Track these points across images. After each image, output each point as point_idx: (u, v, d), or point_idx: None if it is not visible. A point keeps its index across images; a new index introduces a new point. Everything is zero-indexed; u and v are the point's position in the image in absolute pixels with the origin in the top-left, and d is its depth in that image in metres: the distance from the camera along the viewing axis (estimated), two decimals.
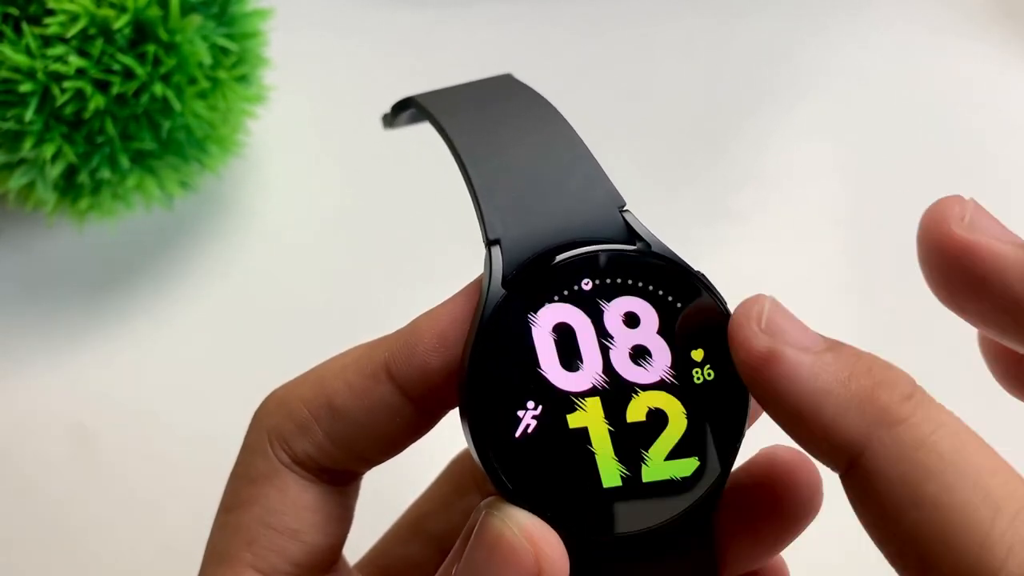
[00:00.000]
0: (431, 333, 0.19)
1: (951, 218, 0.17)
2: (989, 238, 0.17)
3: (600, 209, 0.19)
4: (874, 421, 0.15)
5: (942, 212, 0.17)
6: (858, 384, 0.16)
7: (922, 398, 0.16)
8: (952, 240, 0.17)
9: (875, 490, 0.15)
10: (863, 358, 0.16)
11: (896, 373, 0.16)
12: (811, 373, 0.16)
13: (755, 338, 0.16)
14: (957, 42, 0.46)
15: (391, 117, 0.24)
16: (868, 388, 0.16)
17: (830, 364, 0.16)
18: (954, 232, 0.17)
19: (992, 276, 0.16)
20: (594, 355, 0.18)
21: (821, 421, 0.16)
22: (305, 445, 0.19)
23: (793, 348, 0.16)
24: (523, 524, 0.17)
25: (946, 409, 0.16)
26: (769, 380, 0.16)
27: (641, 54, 0.47)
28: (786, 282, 0.41)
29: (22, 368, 0.38)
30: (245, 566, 0.19)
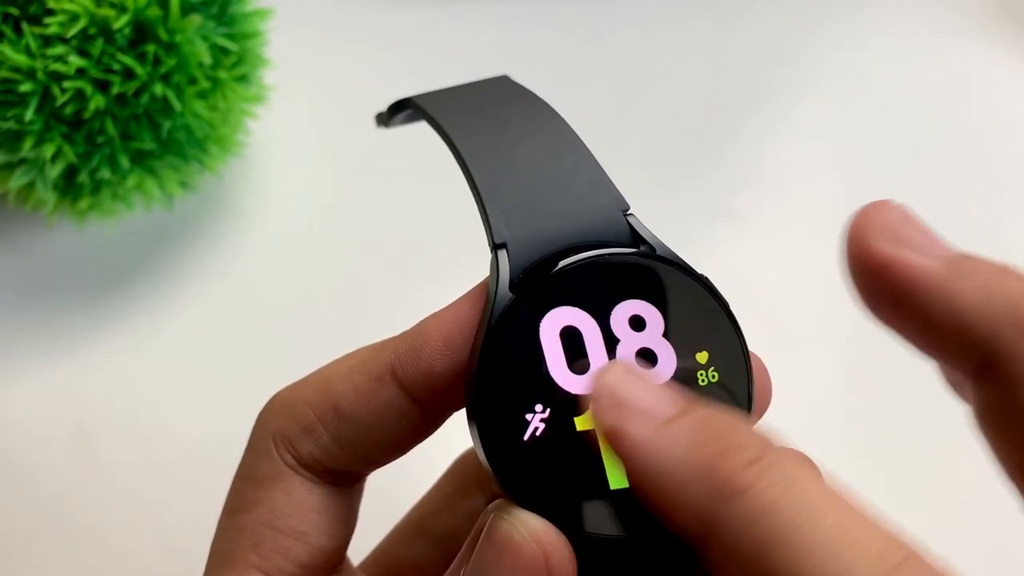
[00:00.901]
0: (437, 336, 0.19)
1: (874, 230, 0.16)
2: (914, 253, 0.16)
3: (605, 213, 0.19)
4: (714, 496, 0.14)
5: (865, 222, 0.16)
6: (698, 455, 0.15)
7: (773, 459, 0.14)
8: (873, 255, 0.16)
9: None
10: (709, 423, 0.15)
11: (745, 435, 0.15)
12: (652, 448, 0.15)
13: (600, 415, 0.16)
14: (957, 42, 0.47)
15: (386, 117, 0.24)
16: (708, 458, 0.14)
17: (674, 435, 0.15)
18: (875, 246, 0.16)
19: (913, 295, 0.15)
20: (601, 358, 0.18)
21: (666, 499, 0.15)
22: (310, 447, 0.20)
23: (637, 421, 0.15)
24: (531, 527, 0.17)
25: (804, 464, 0.15)
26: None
27: (641, 54, 0.47)
28: (785, 282, 0.41)
29: (22, 368, 0.37)
30: (250, 567, 0.20)
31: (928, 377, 0.18)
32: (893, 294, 0.16)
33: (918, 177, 0.43)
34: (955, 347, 0.15)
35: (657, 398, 0.16)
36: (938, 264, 0.15)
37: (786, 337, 0.38)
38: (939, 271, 0.15)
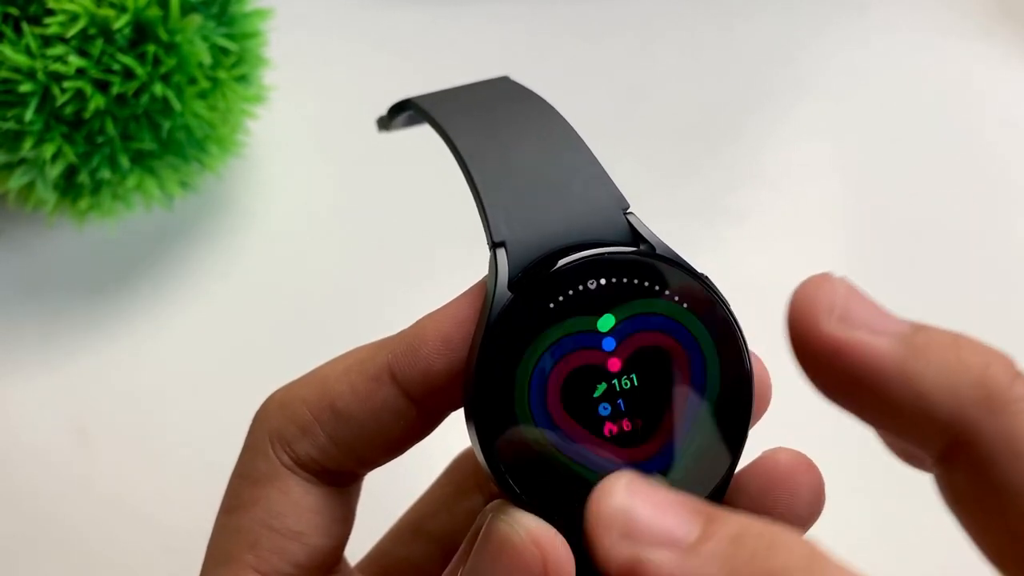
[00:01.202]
0: (435, 335, 0.19)
1: (820, 310, 0.15)
2: (866, 333, 0.15)
3: (604, 211, 0.19)
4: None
5: (809, 303, 0.15)
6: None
7: None
8: (822, 338, 0.15)
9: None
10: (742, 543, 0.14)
11: (786, 555, 0.14)
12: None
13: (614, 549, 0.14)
14: (958, 43, 0.46)
15: (387, 120, 0.24)
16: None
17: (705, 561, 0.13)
18: (823, 329, 0.15)
19: (868, 376, 0.15)
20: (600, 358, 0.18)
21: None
22: (307, 447, 0.19)
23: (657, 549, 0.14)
24: (529, 528, 0.17)
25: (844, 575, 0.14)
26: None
27: (641, 54, 0.47)
28: (785, 282, 0.41)
29: (22, 368, 0.37)
30: (247, 568, 0.19)
31: None
32: (848, 378, 0.15)
33: (918, 177, 0.43)
34: (919, 429, 0.15)
35: (676, 517, 0.14)
36: (893, 343, 0.15)
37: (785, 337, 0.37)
38: (896, 351, 0.15)
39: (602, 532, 0.14)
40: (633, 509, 0.14)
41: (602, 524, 0.14)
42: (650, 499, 0.14)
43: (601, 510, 0.14)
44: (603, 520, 0.14)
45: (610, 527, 0.14)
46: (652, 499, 0.14)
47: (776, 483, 0.19)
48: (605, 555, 0.14)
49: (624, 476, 0.15)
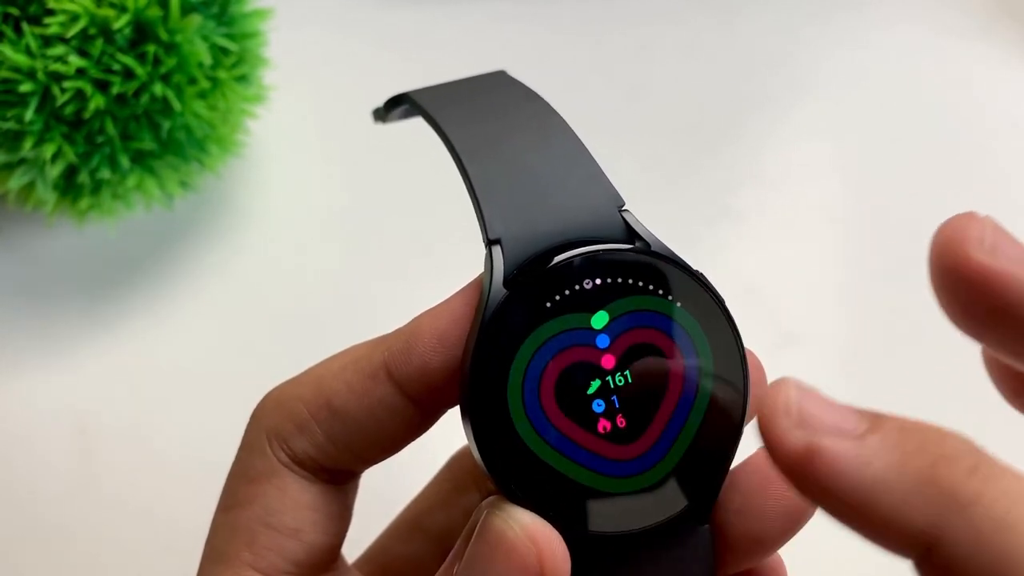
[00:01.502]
0: (431, 333, 0.19)
1: (969, 241, 0.15)
2: (1013, 264, 0.15)
3: (600, 209, 0.19)
4: (942, 507, 0.14)
5: (959, 233, 0.15)
6: (914, 466, 0.14)
7: (988, 468, 0.14)
8: (972, 266, 0.15)
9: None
10: (911, 433, 0.15)
11: (953, 442, 0.14)
12: (859, 464, 0.14)
13: (788, 434, 0.14)
14: (958, 42, 0.46)
15: (383, 112, 0.24)
16: (927, 469, 0.14)
17: (877, 449, 0.14)
18: (974, 257, 0.15)
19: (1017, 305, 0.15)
20: (596, 355, 0.18)
21: (881, 515, 0.14)
22: (304, 445, 0.19)
23: (833, 438, 0.14)
24: (525, 523, 0.17)
25: (1014, 473, 0.14)
26: (814, 479, 0.14)
27: (640, 53, 0.47)
28: (785, 282, 0.41)
29: (22, 368, 0.38)
30: (244, 565, 0.19)
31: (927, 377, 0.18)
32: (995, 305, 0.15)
33: (918, 177, 0.43)
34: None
35: (844, 414, 0.15)
36: None
37: (784, 336, 0.37)
38: None
39: (779, 420, 0.15)
40: (805, 403, 0.15)
41: (779, 413, 0.15)
42: (819, 398, 0.15)
43: (777, 401, 0.15)
44: (780, 409, 0.15)
45: (787, 416, 0.15)
46: (820, 399, 0.15)
47: (771, 480, 0.19)
48: (781, 441, 0.15)
49: (792, 379, 0.15)
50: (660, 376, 0.18)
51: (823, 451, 0.14)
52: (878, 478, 0.14)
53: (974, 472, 0.14)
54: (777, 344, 0.37)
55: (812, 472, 0.14)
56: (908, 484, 0.14)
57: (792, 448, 0.14)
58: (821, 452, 0.14)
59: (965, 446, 0.14)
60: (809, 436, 0.14)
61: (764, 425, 0.15)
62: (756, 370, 0.19)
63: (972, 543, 0.14)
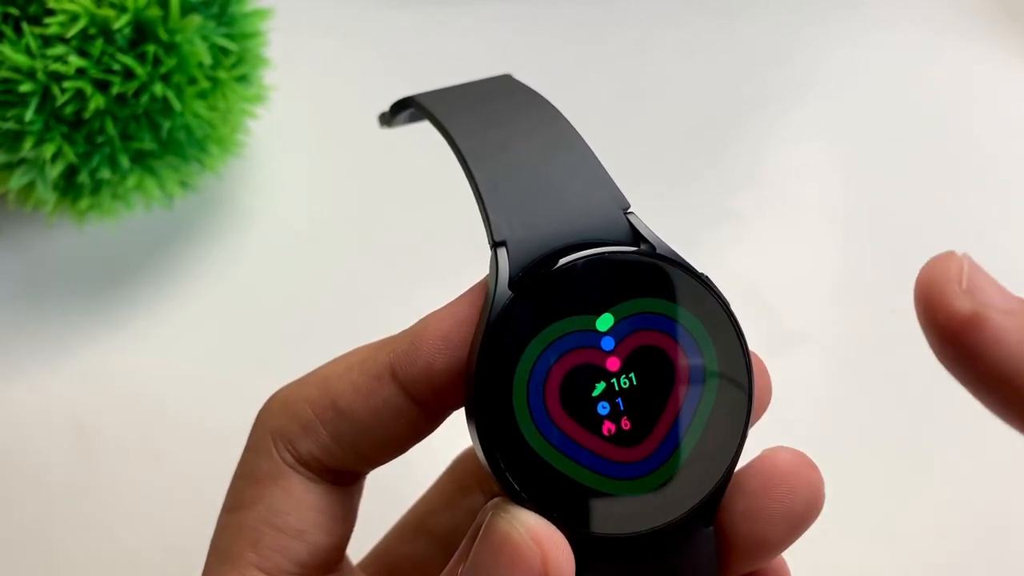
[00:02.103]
0: (436, 335, 0.19)
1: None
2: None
3: (605, 211, 0.19)
4: None
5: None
6: None
7: None
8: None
9: None
10: None
11: None
12: (1019, 337, 0.15)
13: (956, 300, 0.15)
14: (957, 42, 0.47)
15: (389, 116, 0.24)
16: None
17: None
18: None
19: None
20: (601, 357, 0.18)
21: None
22: (309, 446, 0.20)
23: (998, 311, 0.15)
24: (529, 525, 0.17)
25: None
26: (973, 344, 0.15)
27: (641, 55, 0.47)
28: (786, 282, 0.41)
29: (22, 368, 0.37)
30: (249, 565, 0.20)
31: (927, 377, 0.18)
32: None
33: (918, 177, 0.43)
34: None
35: (1006, 294, 0.16)
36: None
37: (786, 337, 0.38)
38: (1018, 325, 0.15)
39: (950, 285, 0.15)
40: (975, 276, 0.16)
41: (951, 279, 0.15)
42: (986, 275, 0.16)
43: (951, 268, 0.16)
44: (952, 276, 0.15)
45: (957, 281, 0.15)
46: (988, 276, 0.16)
47: (775, 481, 0.19)
48: (948, 304, 0.15)
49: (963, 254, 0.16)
50: (665, 379, 0.18)
51: (989, 320, 0.15)
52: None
53: None
54: (777, 344, 0.37)
55: (974, 338, 0.15)
56: None
57: (959, 312, 0.15)
58: (986, 320, 0.15)
59: None
60: (975, 305, 0.15)
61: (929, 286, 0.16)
62: (761, 373, 0.19)
63: None
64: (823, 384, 0.38)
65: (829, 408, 0.37)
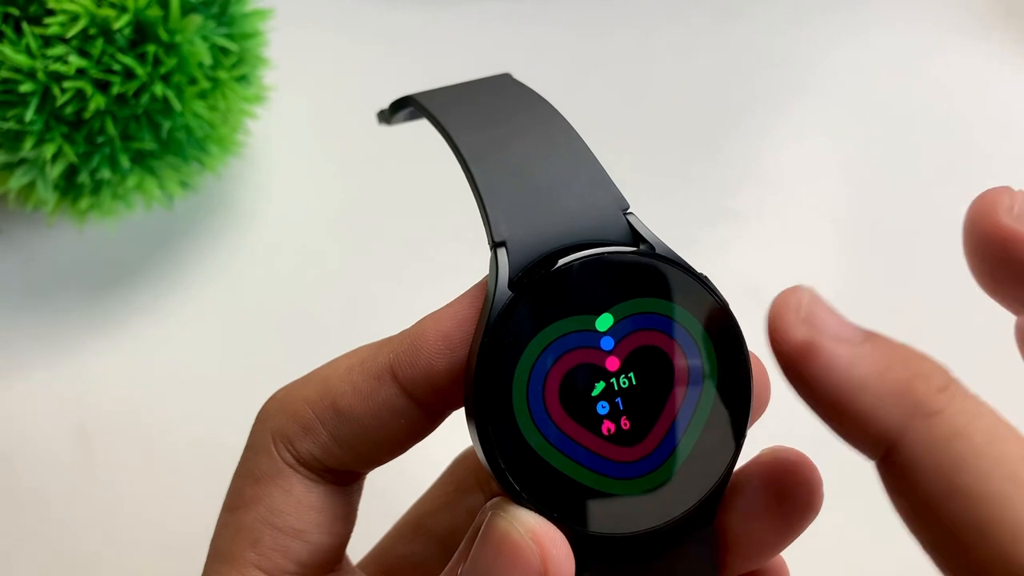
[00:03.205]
0: (436, 335, 0.19)
1: (1000, 207, 0.17)
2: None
3: (604, 211, 0.19)
4: (909, 412, 0.15)
5: (991, 202, 0.17)
6: (894, 376, 0.16)
7: (956, 390, 0.16)
8: (1001, 229, 0.17)
9: (910, 480, 0.15)
10: (899, 350, 0.16)
11: (931, 365, 0.16)
12: (848, 364, 0.16)
13: (794, 329, 0.16)
14: (957, 41, 0.47)
15: (388, 114, 0.24)
16: (904, 380, 0.16)
17: (867, 356, 0.16)
18: (1002, 221, 0.17)
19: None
20: (600, 357, 0.18)
21: (857, 411, 0.16)
22: (309, 446, 0.20)
23: (831, 339, 0.16)
24: (529, 524, 0.17)
25: (981, 400, 0.16)
26: (806, 370, 0.16)
27: (641, 54, 0.47)
28: (786, 282, 0.41)
29: (22, 368, 0.38)
30: (249, 566, 0.20)
31: None
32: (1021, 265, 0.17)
33: (918, 177, 0.43)
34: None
35: (844, 322, 0.16)
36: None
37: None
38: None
39: (787, 313, 0.16)
40: (815, 307, 0.16)
41: (790, 307, 0.16)
42: (826, 307, 0.17)
43: (790, 299, 0.16)
44: (791, 304, 0.16)
45: (796, 311, 0.16)
46: (828, 308, 0.17)
47: (774, 480, 0.19)
48: (785, 332, 0.16)
49: (807, 287, 0.17)
50: (664, 378, 0.18)
51: (821, 348, 0.16)
52: (861, 379, 0.16)
53: (944, 390, 0.16)
54: None
55: (807, 365, 0.16)
56: (885, 389, 0.16)
57: (794, 340, 0.16)
58: (819, 348, 0.16)
59: (942, 370, 0.16)
60: (810, 334, 0.16)
61: (773, 316, 0.16)
62: (760, 373, 0.19)
63: (927, 447, 0.15)
64: None
65: None
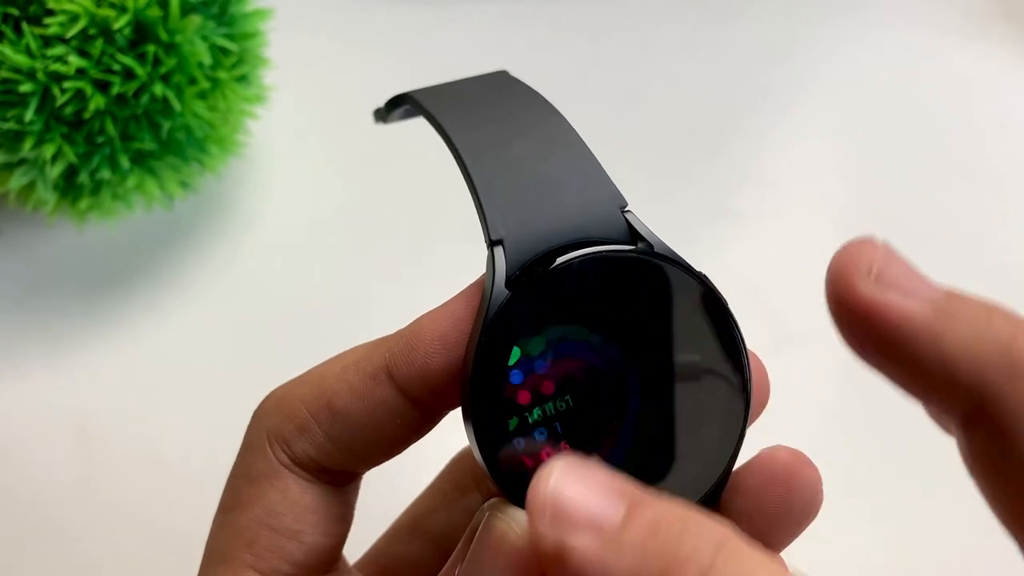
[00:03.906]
0: (432, 334, 0.19)
1: (857, 272, 0.15)
2: (897, 295, 0.15)
3: (602, 209, 0.19)
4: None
5: (848, 264, 0.15)
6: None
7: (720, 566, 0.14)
8: (857, 298, 0.15)
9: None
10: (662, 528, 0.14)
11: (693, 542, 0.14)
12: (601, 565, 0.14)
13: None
14: (957, 42, 0.46)
15: (384, 112, 0.24)
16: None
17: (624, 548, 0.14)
18: (858, 289, 0.15)
19: (901, 339, 0.15)
20: (598, 356, 0.18)
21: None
22: (305, 446, 0.19)
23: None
24: (526, 525, 0.17)
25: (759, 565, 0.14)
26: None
27: (641, 54, 0.47)
28: (785, 282, 0.41)
29: (22, 368, 0.37)
30: (245, 567, 0.19)
31: None
32: (879, 338, 0.15)
33: (918, 177, 0.43)
34: (943, 392, 0.15)
35: (603, 499, 0.14)
36: (925, 306, 0.15)
37: (785, 336, 0.37)
38: (926, 314, 0.15)
39: (535, 518, 0.14)
40: (563, 492, 0.14)
41: (536, 510, 0.14)
42: (581, 482, 0.14)
43: (536, 495, 0.14)
44: (537, 505, 0.14)
45: (543, 512, 0.14)
46: (582, 482, 0.14)
47: (774, 480, 0.19)
48: (537, 541, 0.14)
49: (561, 460, 0.15)
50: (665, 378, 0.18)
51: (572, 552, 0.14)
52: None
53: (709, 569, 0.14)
54: (777, 344, 0.37)
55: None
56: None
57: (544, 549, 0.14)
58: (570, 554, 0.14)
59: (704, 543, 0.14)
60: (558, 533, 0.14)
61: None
62: (759, 371, 0.19)
63: None
64: (822, 383, 0.37)
65: (828, 407, 0.37)
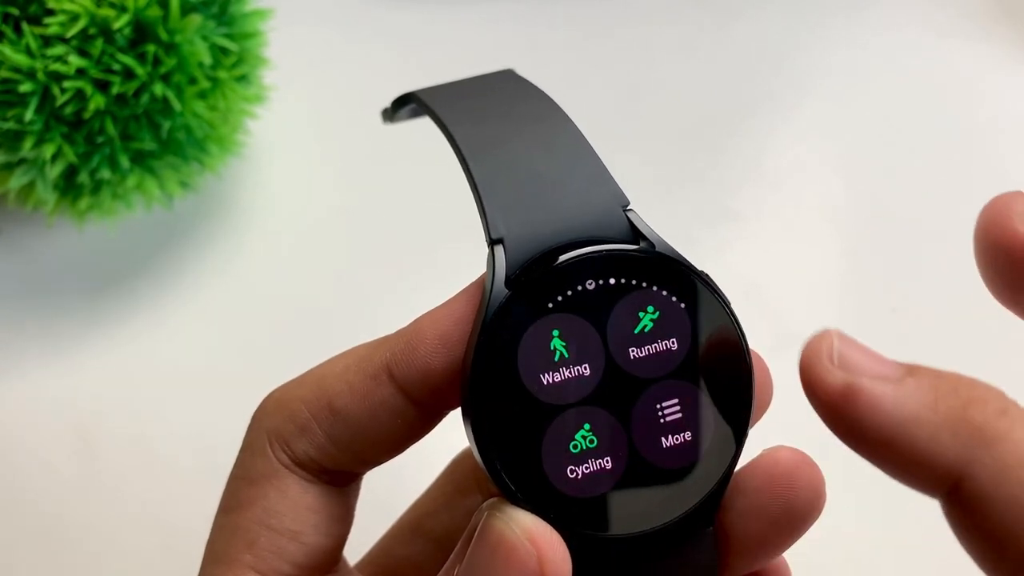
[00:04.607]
0: (433, 334, 0.18)
1: (1014, 214, 0.16)
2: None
3: (604, 208, 0.19)
4: (971, 442, 0.15)
5: (1004, 208, 0.16)
6: (947, 406, 0.15)
7: (1017, 412, 0.15)
8: (1016, 238, 0.16)
9: (982, 514, 0.15)
10: (946, 378, 0.16)
11: (984, 389, 0.15)
12: (895, 402, 0.15)
13: (829, 375, 0.16)
14: (957, 42, 0.46)
15: (391, 112, 0.24)
16: (958, 409, 0.15)
17: (913, 390, 0.15)
18: (1018, 229, 0.16)
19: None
20: (598, 356, 0.18)
21: (914, 449, 0.15)
22: (305, 446, 0.19)
23: (871, 380, 0.15)
24: (525, 525, 0.17)
25: None
26: (851, 415, 0.15)
27: (641, 54, 0.47)
28: (785, 282, 0.41)
29: (22, 368, 0.37)
30: (245, 567, 0.19)
31: None
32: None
33: (918, 177, 0.43)
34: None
35: (881, 360, 0.16)
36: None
37: (784, 336, 0.37)
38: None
39: (819, 360, 0.16)
40: (846, 350, 0.16)
41: (823, 354, 0.16)
42: (859, 346, 0.16)
43: (821, 346, 0.16)
44: (823, 352, 0.16)
45: (829, 357, 0.16)
46: (861, 347, 0.16)
47: (776, 481, 0.19)
48: (822, 380, 0.16)
49: (835, 330, 0.16)
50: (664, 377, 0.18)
51: (862, 390, 0.15)
52: (912, 415, 0.15)
53: (1003, 414, 0.15)
54: (777, 344, 0.37)
55: (850, 410, 0.15)
56: (940, 421, 0.15)
57: (832, 387, 0.15)
58: (860, 391, 0.15)
59: (995, 392, 0.15)
60: (849, 376, 0.15)
61: (805, 365, 0.16)
62: (761, 371, 0.19)
63: (998, 477, 0.14)
64: None
65: None
